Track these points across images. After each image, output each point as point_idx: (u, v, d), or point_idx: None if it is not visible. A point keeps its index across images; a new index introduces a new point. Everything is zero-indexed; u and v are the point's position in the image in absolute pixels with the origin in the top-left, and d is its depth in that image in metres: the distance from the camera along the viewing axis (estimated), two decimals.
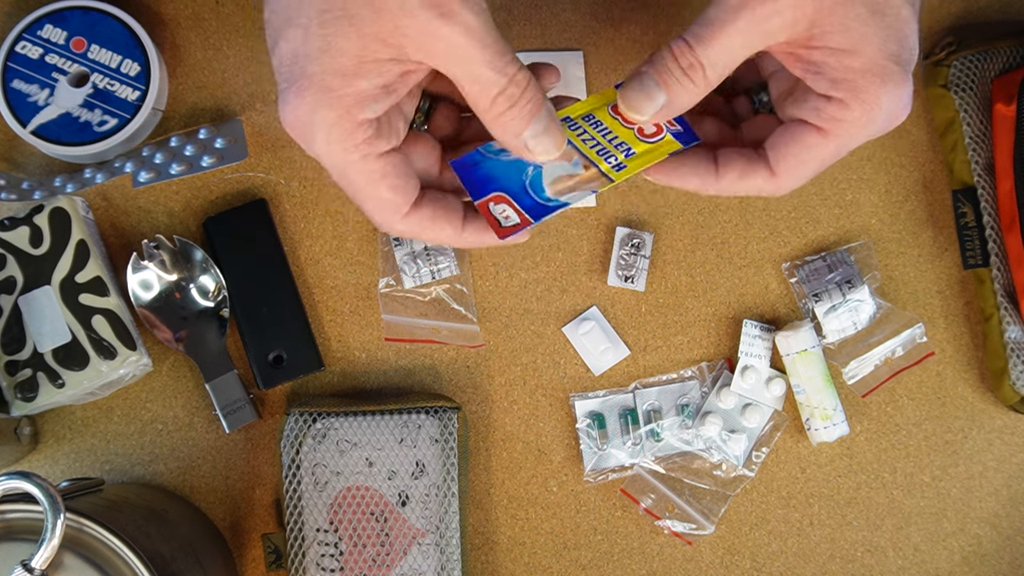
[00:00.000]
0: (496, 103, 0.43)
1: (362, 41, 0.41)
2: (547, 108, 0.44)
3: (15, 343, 0.59)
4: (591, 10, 0.67)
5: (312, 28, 0.41)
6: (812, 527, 0.65)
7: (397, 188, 0.45)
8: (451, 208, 0.47)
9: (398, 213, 0.45)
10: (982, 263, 0.64)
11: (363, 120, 0.42)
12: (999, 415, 0.66)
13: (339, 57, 0.41)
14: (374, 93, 0.42)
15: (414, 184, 0.46)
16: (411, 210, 0.46)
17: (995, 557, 0.66)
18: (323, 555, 0.60)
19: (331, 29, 0.41)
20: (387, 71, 0.42)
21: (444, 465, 0.61)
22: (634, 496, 0.64)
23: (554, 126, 0.45)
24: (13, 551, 0.47)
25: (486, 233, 0.47)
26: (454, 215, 0.46)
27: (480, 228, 0.47)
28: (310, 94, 0.42)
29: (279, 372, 0.63)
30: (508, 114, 0.43)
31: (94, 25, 0.62)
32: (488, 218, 0.46)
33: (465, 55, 0.41)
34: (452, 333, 0.64)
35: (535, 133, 0.44)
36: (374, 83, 0.42)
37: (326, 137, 0.43)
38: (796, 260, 0.66)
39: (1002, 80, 0.63)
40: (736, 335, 0.65)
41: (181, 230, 0.64)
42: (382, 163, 0.44)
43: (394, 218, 0.46)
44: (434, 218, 0.46)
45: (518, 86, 0.43)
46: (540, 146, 0.44)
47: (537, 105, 0.44)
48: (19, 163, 0.64)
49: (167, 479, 0.63)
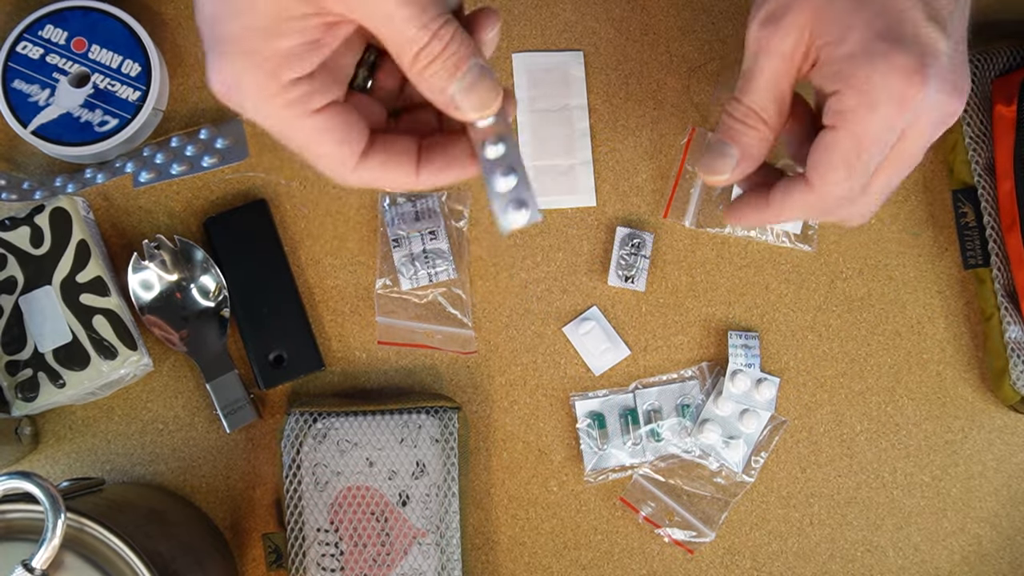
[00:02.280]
0: (418, 59, 0.41)
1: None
2: (475, 62, 0.42)
3: (16, 343, 0.59)
4: (591, 10, 0.67)
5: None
6: (812, 527, 0.65)
7: (341, 140, 0.43)
8: (404, 151, 0.44)
9: (348, 165, 0.44)
10: (982, 263, 0.64)
11: (291, 79, 0.41)
12: (999, 415, 0.66)
13: (256, 16, 0.40)
14: (298, 51, 0.41)
15: (359, 134, 0.44)
16: (360, 160, 0.44)
17: (995, 557, 0.66)
18: (323, 555, 0.60)
19: None
20: (308, 27, 0.40)
21: (444, 465, 0.61)
22: (633, 505, 0.64)
23: (483, 82, 0.42)
24: (13, 551, 0.47)
25: (444, 172, 0.45)
26: (407, 159, 0.44)
27: (437, 169, 0.45)
28: (233, 58, 0.41)
29: (279, 372, 0.63)
30: (430, 68, 0.41)
31: (95, 25, 0.62)
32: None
33: (384, 11, 0.40)
34: (446, 338, 0.64)
35: (461, 88, 0.42)
36: (296, 40, 0.41)
37: (255, 102, 0.41)
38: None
39: (1002, 80, 0.63)
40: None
41: (182, 230, 0.64)
42: (320, 119, 0.42)
43: (344, 170, 0.44)
44: (386, 164, 0.44)
45: (440, 40, 0.41)
46: (467, 102, 0.42)
47: (463, 59, 0.41)
48: (20, 163, 0.64)
49: (168, 479, 0.63)
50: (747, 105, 0.49)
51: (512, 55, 0.66)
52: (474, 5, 0.67)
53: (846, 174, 0.47)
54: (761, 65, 0.48)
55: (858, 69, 0.45)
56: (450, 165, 0.44)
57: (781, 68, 0.48)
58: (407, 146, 0.45)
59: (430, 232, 0.64)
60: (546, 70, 0.66)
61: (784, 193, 0.50)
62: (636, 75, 0.67)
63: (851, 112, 0.46)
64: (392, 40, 0.41)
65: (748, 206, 0.52)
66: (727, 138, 0.50)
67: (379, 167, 0.44)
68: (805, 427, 0.65)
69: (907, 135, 0.47)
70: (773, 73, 0.48)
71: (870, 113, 0.45)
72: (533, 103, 0.66)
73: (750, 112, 0.49)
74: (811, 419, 0.65)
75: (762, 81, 0.48)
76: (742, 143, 0.50)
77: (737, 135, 0.49)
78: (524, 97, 0.66)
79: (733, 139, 0.50)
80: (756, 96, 0.49)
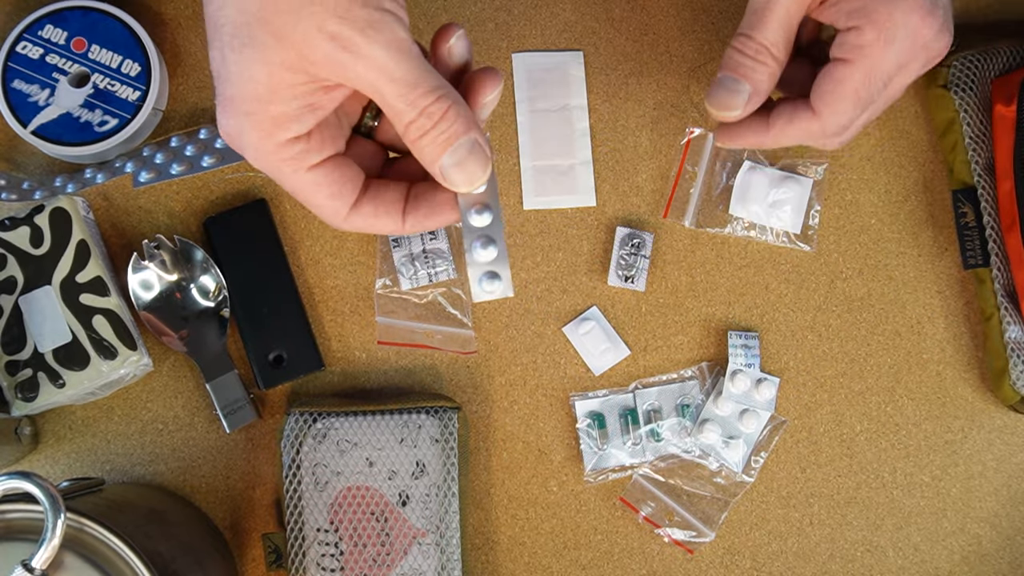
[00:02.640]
0: (408, 131, 0.42)
1: (268, 68, 0.41)
2: (469, 139, 0.43)
3: (15, 343, 0.59)
4: (591, 10, 0.67)
5: (226, 52, 0.42)
6: (812, 527, 0.65)
7: (334, 195, 0.45)
8: (392, 201, 0.46)
9: (339, 216, 0.46)
10: (982, 263, 0.64)
11: (286, 140, 0.43)
12: (999, 415, 0.66)
13: (251, 84, 0.41)
14: (294, 114, 0.42)
15: (352, 186, 0.45)
16: (351, 212, 0.46)
17: (995, 557, 0.66)
18: (323, 555, 0.60)
19: (242, 55, 0.41)
20: (303, 93, 0.42)
21: (444, 465, 0.61)
22: (633, 505, 0.64)
23: (472, 160, 0.43)
24: (13, 551, 0.47)
25: (428, 220, 0.46)
26: (395, 208, 0.46)
27: (422, 216, 0.46)
28: (233, 116, 0.43)
29: (279, 372, 0.63)
30: (421, 141, 0.42)
31: (94, 25, 0.62)
32: None
33: (373, 87, 0.41)
34: (446, 338, 0.64)
35: (450, 164, 0.43)
36: (292, 106, 0.42)
37: (255, 155, 0.43)
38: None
39: (1002, 80, 0.63)
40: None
41: (182, 230, 0.64)
42: (314, 175, 0.44)
43: (336, 220, 0.46)
44: (375, 215, 0.46)
45: (430, 118, 0.42)
46: (456, 177, 0.43)
47: (454, 136, 0.42)
48: (20, 163, 0.64)
49: (167, 479, 0.63)
50: (759, 41, 0.50)
51: (512, 55, 0.66)
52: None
53: (854, 105, 0.50)
54: (775, 1, 0.49)
55: (880, 4, 0.47)
56: (433, 213, 0.46)
57: (794, 5, 0.49)
58: (395, 195, 0.46)
59: (430, 232, 0.64)
60: (546, 70, 0.66)
61: (788, 120, 0.52)
62: (636, 75, 0.67)
63: (869, 47, 0.48)
64: (386, 109, 0.42)
65: (747, 128, 0.54)
66: (738, 75, 0.51)
67: (369, 216, 0.46)
68: (805, 427, 0.65)
69: (900, 75, 0.50)
70: (786, 9, 0.49)
71: (887, 48, 0.48)
72: (533, 103, 0.66)
73: (762, 48, 0.50)
74: (811, 419, 0.65)
75: (775, 17, 0.49)
76: (754, 79, 0.51)
77: (748, 71, 0.51)
78: (524, 97, 0.66)
79: (744, 75, 0.51)
80: (768, 32, 0.50)
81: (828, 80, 0.50)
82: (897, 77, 0.50)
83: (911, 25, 0.48)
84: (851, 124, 0.52)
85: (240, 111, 0.42)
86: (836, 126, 0.51)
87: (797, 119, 0.52)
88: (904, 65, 0.50)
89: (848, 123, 0.51)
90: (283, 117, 0.42)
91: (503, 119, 0.66)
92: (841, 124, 0.51)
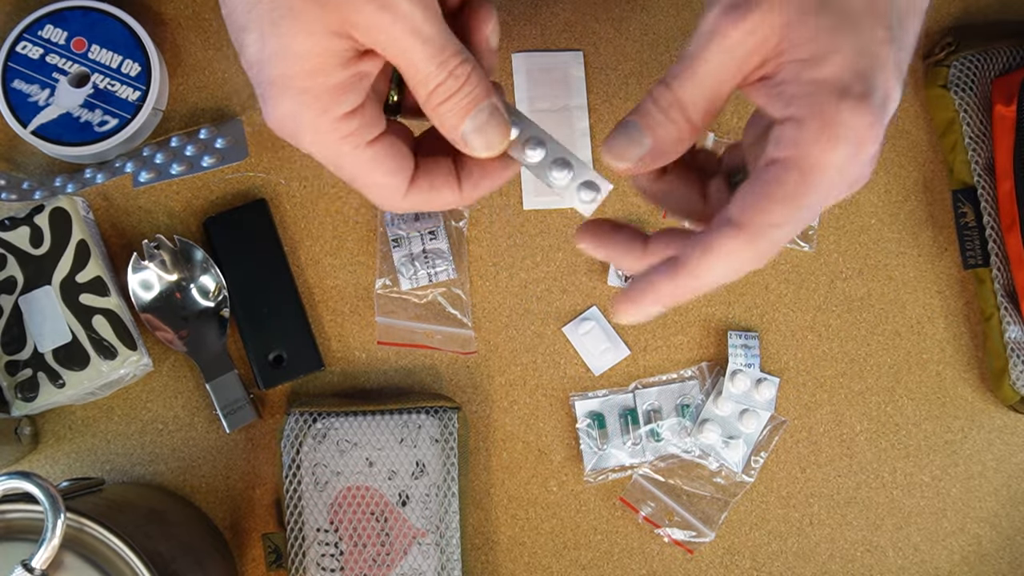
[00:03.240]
0: (433, 95, 0.42)
1: (314, 38, 0.40)
2: (489, 104, 0.43)
3: (15, 343, 0.59)
4: (591, 10, 0.67)
5: (266, 31, 0.41)
6: (812, 527, 0.65)
7: (392, 171, 0.44)
8: (445, 172, 0.46)
9: (399, 194, 0.45)
10: (982, 263, 0.64)
11: (343, 114, 0.42)
12: (999, 415, 0.66)
13: (300, 58, 0.41)
14: (347, 84, 0.42)
15: (408, 162, 0.45)
16: (410, 188, 0.45)
17: (995, 557, 0.66)
18: (323, 555, 0.60)
19: (283, 29, 0.40)
20: (350, 61, 0.41)
21: (444, 465, 0.61)
22: (633, 505, 0.64)
23: (492, 123, 0.43)
24: (13, 551, 0.47)
25: (484, 182, 0.46)
26: (450, 179, 0.46)
27: (476, 181, 0.46)
28: (286, 98, 0.42)
29: (279, 372, 0.63)
30: (445, 106, 0.42)
31: (94, 25, 0.62)
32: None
33: (405, 47, 0.41)
34: (446, 338, 0.64)
35: (471, 129, 0.43)
36: (344, 76, 0.41)
37: (313, 136, 0.43)
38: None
39: (1002, 80, 0.63)
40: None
41: (181, 230, 0.64)
42: (372, 151, 0.44)
43: (395, 199, 0.45)
44: (432, 187, 0.46)
45: (457, 79, 0.42)
46: (477, 141, 0.43)
47: (476, 100, 0.43)
48: (20, 163, 0.64)
49: (167, 479, 0.63)
50: (676, 94, 0.42)
51: (512, 55, 0.66)
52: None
53: (790, 212, 0.40)
54: (710, 55, 0.41)
55: (829, 97, 0.39)
56: (487, 175, 0.46)
57: (731, 67, 0.41)
58: (446, 166, 0.46)
59: (430, 232, 0.64)
60: (546, 70, 0.66)
61: (703, 247, 0.41)
62: (636, 75, 0.66)
63: (810, 144, 0.39)
64: (409, 75, 0.42)
65: (655, 278, 0.42)
66: (644, 126, 0.43)
67: (426, 190, 0.45)
68: (805, 427, 0.65)
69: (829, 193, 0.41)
70: (719, 69, 0.41)
71: (831, 150, 0.39)
72: (533, 103, 0.66)
73: (675, 104, 0.42)
74: (811, 419, 0.66)
75: (703, 73, 0.41)
76: (657, 135, 0.43)
77: (655, 125, 0.43)
78: (524, 97, 0.66)
79: (649, 128, 0.43)
80: (690, 88, 0.42)
81: (756, 183, 0.40)
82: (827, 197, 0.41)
83: (858, 134, 0.39)
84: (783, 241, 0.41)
85: (294, 89, 0.41)
86: (768, 241, 0.40)
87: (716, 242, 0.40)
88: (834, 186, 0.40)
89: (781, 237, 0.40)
90: (339, 88, 0.42)
91: None
92: (773, 239, 0.40)
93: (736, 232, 0.40)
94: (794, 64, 0.40)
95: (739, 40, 0.40)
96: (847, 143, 0.39)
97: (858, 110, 0.39)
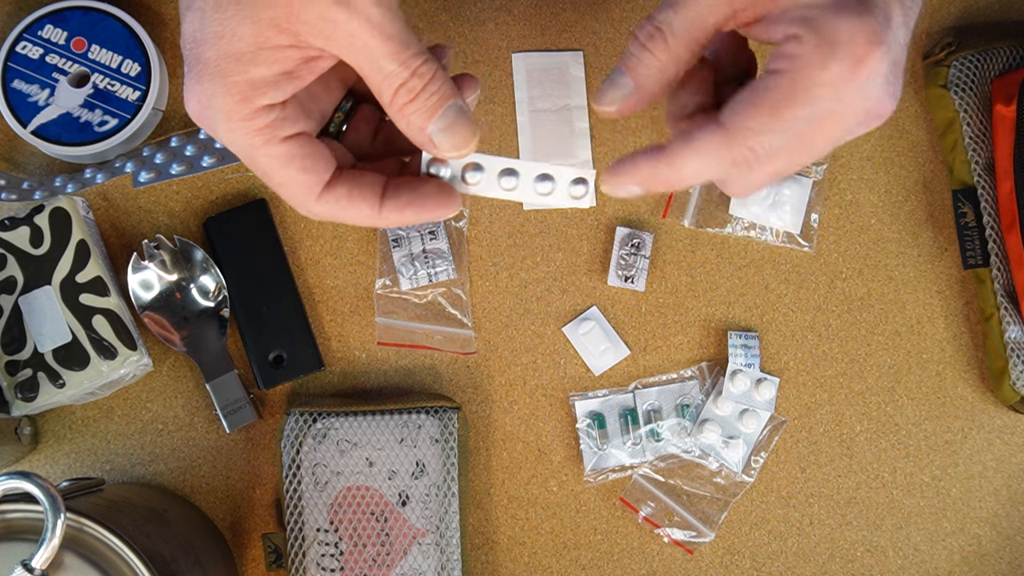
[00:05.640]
0: (398, 96, 0.41)
1: (256, 27, 0.40)
2: (455, 104, 0.42)
3: (15, 343, 0.59)
4: (591, 10, 0.67)
5: (207, 12, 0.40)
6: (812, 527, 0.65)
7: (307, 169, 0.43)
8: (369, 186, 0.44)
9: (311, 194, 0.44)
10: (982, 263, 0.64)
11: (262, 106, 0.41)
12: (999, 415, 0.66)
13: (234, 42, 0.40)
14: (273, 79, 0.41)
15: (326, 163, 0.44)
16: (325, 190, 0.44)
17: (995, 557, 0.66)
18: (323, 555, 0.60)
19: (227, 13, 0.40)
20: (286, 57, 0.41)
21: (444, 465, 0.61)
22: (633, 505, 0.64)
23: (460, 122, 0.42)
24: (13, 551, 0.47)
25: (406, 210, 0.44)
26: (371, 194, 0.44)
27: (399, 206, 0.44)
28: (207, 80, 0.41)
29: (279, 372, 0.63)
30: (410, 107, 0.42)
31: (94, 25, 0.62)
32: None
33: (365, 46, 0.40)
34: (446, 338, 0.64)
35: (440, 128, 0.42)
36: (272, 70, 0.41)
37: (226, 124, 0.42)
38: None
39: (1002, 80, 0.63)
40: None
41: (181, 230, 0.64)
42: (288, 145, 0.42)
43: (308, 199, 0.44)
44: (350, 197, 0.44)
45: (421, 78, 0.41)
46: (446, 141, 0.42)
47: (443, 99, 0.42)
48: (19, 163, 0.64)
49: (167, 479, 0.63)
50: (656, 24, 0.42)
51: (512, 55, 0.66)
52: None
53: (769, 120, 0.40)
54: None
55: (825, 16, 0.39)
56: (415, 202, 0.44)
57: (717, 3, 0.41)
58: (373, 181, 0.44)
59: (430, 232, 0.64)
60: (546, 70, 0.66)
61: (686, 138, 0.42)
62: None
63: (804, 57, 0.39)
64: (372, 76, 0.41)
65: (639, 158, 0.43)
66: (623, 65, 0.43)
67: (344, 198, 0.44)
68: (805, 427, 0.65)
69: (831, 118, 0.41)
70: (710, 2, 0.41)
71: (824, 63, 0.39)
72: (533, 103, 0.66)
73: (656, 33, 0.42)
74: (811, 419, 0.66)
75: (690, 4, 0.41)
76: (637, 72, 0.43)
77: (634, 63, 0.43)
78: (524, 97, 0.66)
79: (628, 67, 0.43)
80: (674, 18, 0.41)
81: (746, 90, 0.41)
82: (821, 125, 0.41)
83: (855, 47, 0.39)
84: (762, 152, 0.41)
85: (215, 73, 0.40)
86: (744, 146, 0.41)
87: (697, 134, 0.41)
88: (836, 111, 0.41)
89: (759, 148, 0.41)
90: (262, 81, 0.41)
91: (503, 119, 0.66)
92: (750, 144, 0.41)
93: (716, 129, 0.41)
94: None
95: None
96: (842, 59, 0.39)
97: (855, 23, 0.39)
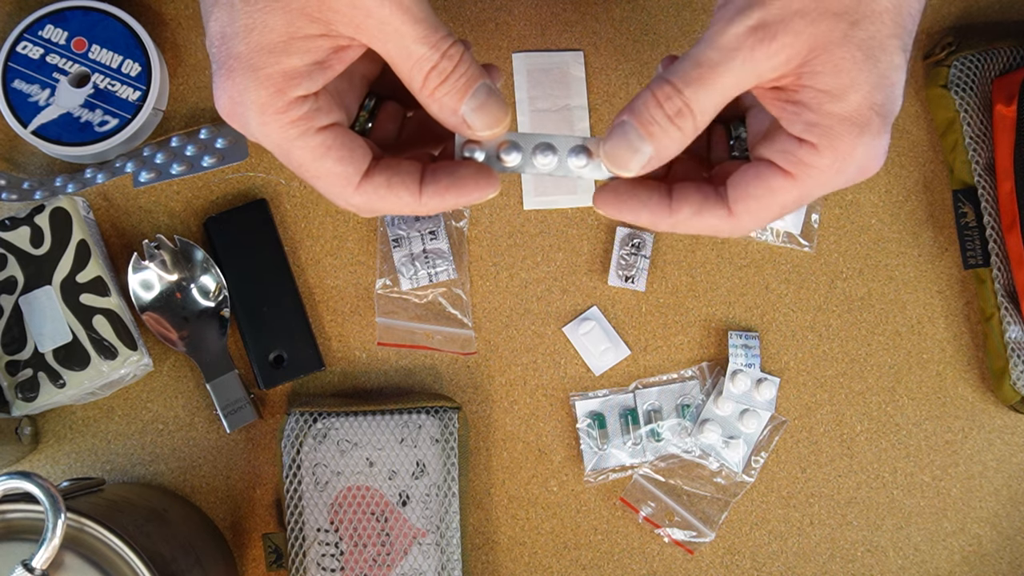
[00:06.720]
0: (429, 79, 0.41)
1: (288, 16, 0.40)
2: (485, 84, 0.42)
3: (16, 343, 0.59)
4: (591, 10, 0.67)
5: (236, 6, 0.40)
6: (812, 527, 0.65)
7: (344, 159, 0.43)
8: (407, 173, 0.44)
9: (350, 185, 0.43)
10: (982, 263, 0.64)
11: (296, 97, 0.41)
12: (999, 415, 0.66)
13: (266, 34, 0.40)
14: (305, 70, 0.41)
15: (363, 153, 0.43)
16: (363, 180, 0.43)
17: (995, 557, 0.66)
18: (324, 555, 0.60)
19: (257, 6, 0.40)
20: (317, 47, 0.41)
21: (444, 465, 0.61)
22: (633, 505, 0.64)
23: (492, 101, 0.42)
24: (13, 551, 0.47)
25: (447, 194, 0.44)
26: (411, 181, 0.44)
27: (439, 190, 0.44)
28: (239, 75, 0.41)
29: (279, 372, 0.63)
30: (442, 89, 0.42)
31: (95, 25, 0.62)
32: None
33: (395, 31, 0.40)
34: (446, 339, 0.64)
35: (472, 108, 0.42)
36: (304, 60, 0.41)
37: (259, 118, 0.41)
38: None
39: (1002, 80, 0.63)
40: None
41: (182, 230, 0.64)
42: (324, 136, 0.42)
43: (347, 190, 0.43)
44: (390, 185, 0.43)
45: (451, 60, 0.41)
46: (479, 121, 0.42)
47: (473, 79, 0.42)
48: (20, 163, 0.64)
49: (168, 479, 0.63)
50: (686, 102, 0.41)
51: (512, 55, 0.66)
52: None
53: (774, 216, 0.44)
54: (731, 70, 0.40)
55: (848, 134, 0.41)
56: (455, 186, 0.44)
57: (749, 81, 0.41)
58: (410, 168, 0.44)
59: (430, 232, 0.64)
60: (546, 70, 0.66)
61: (696, 212, 0.44)
62: (636, 75, 0.67)
63: (819, 170, 0.42)
64: (402, 61, 0.41)
65: (642, 204, 0.44)
66: (645, 133, 0.42)
67: (383, 187, 0.43)
68: (805, 427, 0.65)
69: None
70: (737, 84, 0.41)
71: (834, 177, 0.42)
72: (533, 103, 0.66)
73: (686, 111, 0.41)
74: (811, 419, 0.66)
75: (721, 85, 0.41)
76: (661, 143, 0.42)
77: (659, 133, 0.42)
78: (524, 97, 0.66)
79: (652, 136, 0.42)
80: (703, 97, 0.41)
81: (759, 186, 0.43)
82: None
83: (866, 161, 0.42)
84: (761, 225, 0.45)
85: (247, 66, 0.40)
86: (748, 230, 0.44)
87: (708, 214, 0.44)
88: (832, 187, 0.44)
89: (761, 223, 0.44)
90: (295, 71, 0.41)
91: None
92: (753, 228, 0.44)
93: (727, 216, 0.44)
94: (815, 93, 0.41)
95: (763, 60, 0.40)
96: (854, 170, 0.42)
97: (872, 144, 0.42)
